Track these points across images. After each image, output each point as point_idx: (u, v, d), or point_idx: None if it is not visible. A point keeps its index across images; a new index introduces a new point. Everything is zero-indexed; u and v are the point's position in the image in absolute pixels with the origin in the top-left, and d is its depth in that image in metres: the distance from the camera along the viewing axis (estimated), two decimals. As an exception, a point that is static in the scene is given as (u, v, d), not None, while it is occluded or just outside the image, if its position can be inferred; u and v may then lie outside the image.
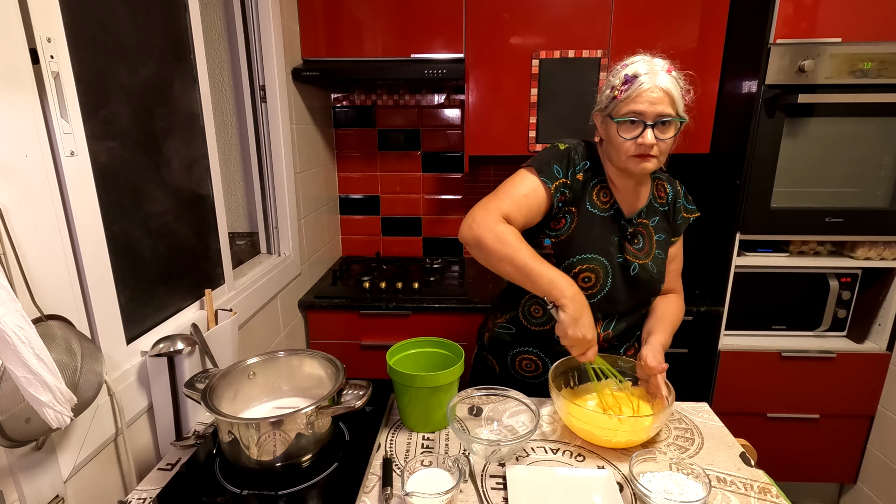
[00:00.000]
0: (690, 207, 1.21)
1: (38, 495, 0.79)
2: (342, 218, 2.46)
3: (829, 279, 1.81)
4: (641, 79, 0.96)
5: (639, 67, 0.98)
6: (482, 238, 1.00)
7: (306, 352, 1.00)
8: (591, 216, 1.09)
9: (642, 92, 0.96)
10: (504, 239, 0.99)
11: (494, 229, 1.00)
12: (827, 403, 1.90)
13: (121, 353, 1.00)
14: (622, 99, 0.98)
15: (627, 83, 0.97)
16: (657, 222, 1.15)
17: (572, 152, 1.09)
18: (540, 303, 1.14)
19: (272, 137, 1.74)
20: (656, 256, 1.14)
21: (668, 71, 0.98)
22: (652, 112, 0.96)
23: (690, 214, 1.21)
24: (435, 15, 1.86)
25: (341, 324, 1.93)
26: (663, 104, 0.96)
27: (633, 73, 0.97)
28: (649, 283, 1.12)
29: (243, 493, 0.80)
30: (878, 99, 1.60)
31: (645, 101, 0.96)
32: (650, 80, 0.96)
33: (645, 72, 0.97)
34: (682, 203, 1.19)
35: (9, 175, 0.74)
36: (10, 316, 0.62)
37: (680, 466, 0.84)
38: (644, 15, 1.81)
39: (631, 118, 0.98)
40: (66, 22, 0.85)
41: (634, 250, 1.11)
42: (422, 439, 1.00)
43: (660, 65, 0.99)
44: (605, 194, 1.10)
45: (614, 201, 1.10)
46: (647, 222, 1.14)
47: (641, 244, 1.12)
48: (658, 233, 1.15)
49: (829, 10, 1.57)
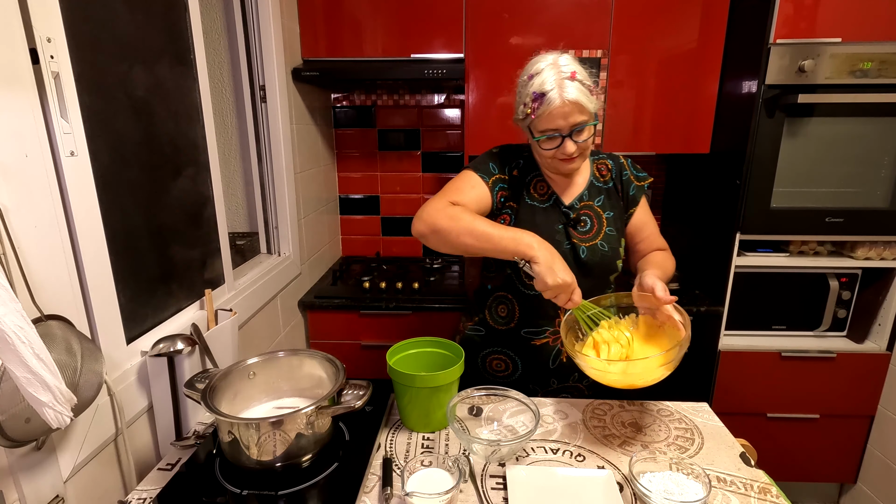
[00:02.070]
0: (641, 175, 1.23)
1: (38, 495, 0.79)
2: (342, 218, 2.46)
3: (829, 279, 1.81)
4: (550, 96, 0.99)
5: (546, 81, 0.99)
6: (435, 222, 1.02)
7: (306, 352, 1.00)
8: (531, 208, 1.13)
9: (553, 110, 1.00)
10: (457, 215, 1.02)
11: (445, 211, 1.03)
12: (827, 403, 1.90)
13: (121, 353, 1.00)
14: (536, 117, 1.02)
15: (537, 101, 1.00)
16: (603, 201, 1.18)
17: (505, 152, 1.17)
18: (504, 302, 1.18)
19: (272, 137, 1.74)
20: (607, 234, 1.16)
21: (573, 76, 1.00)
22: (566, 125, 1.01)
23: (643, 181, 1.23)
24: (435, 15, 1.86)
25: (341, 324, 1.93)
26: (575, 114, 1.00)
27: (541, 90, 0.99)
28: (602, 263, 1.14)
29: (243, 493, 0.80)
30: (878, 99, 1.60)
31: (557, 117, 1.00)
32: (559, 96, 0.98)
33: (552, 86, 0.98)
34: (629, 174, 1.21)
35: (9, 175, 0.74)
36: (10, 316, 0.62)
37: (680, 466, 0.84)
38: (644, 15, 1.81)
39: (548, 135, 1.03)
40: (66, 22, 0.85)
41: (580, 234, 1.14)
42: (422, 439, 1.00)
43: (565, 70, 1.00)
44: (542, 186, 1.15)
45: (552, 192, 1.15)
46: (592, 203, 1.17)
47: (588, 226, 1.15)
48: (606, 210, 1.17)
49: (829, 10, 1.57)
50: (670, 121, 1.90)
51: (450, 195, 1.09)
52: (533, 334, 1.17)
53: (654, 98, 1.88)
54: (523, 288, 1.16)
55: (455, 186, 1.11)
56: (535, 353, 1.18)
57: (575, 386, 1.21)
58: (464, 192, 1.10)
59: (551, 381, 1.20)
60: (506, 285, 1.19)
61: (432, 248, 1.06)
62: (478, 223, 1.01)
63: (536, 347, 1.18)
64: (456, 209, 1.04)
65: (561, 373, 1.19)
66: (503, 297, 1.19)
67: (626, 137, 1.93)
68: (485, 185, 1.12)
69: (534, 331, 1.17)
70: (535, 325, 1.17)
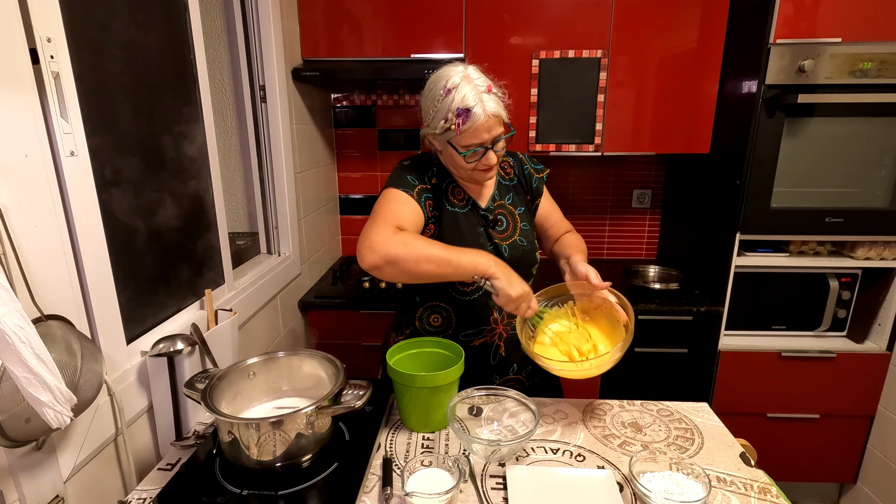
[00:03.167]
0: (538, 167, 1.26)
1: (38, 495, 0.79)
2: (342, 218, 2.46)
3: (829, 279, 1.81)
4: (475, 111, 0.99)
5: (467, 97, 0.99)
6: (390, 252, 0.95)
7: (306, 352, 1.00)
8: (454, 215, 1.13)
9: (479, 125, 1.00)
10: (411, 243, 0.97)
11: (397, 238, 0.97)
12: (827, 403, 1.90)
13: (121, 353, 1.00)
14: (462, 132, 1.01)
15: (462, 117, 1.00)
16: (512, 198, 1.20)
17: (417, 162, 1.16)
18: (437, 311, 1.17)
19: (272, 137, 1.74)
20: (522, 229, 1.18)
21: (489, 90, 1.01)
22: (490, 138, 1.03)
23: (542, 174, 1.26)
24: (435, 15, 1.86)
25: (341, 324, 1.93)
26: (496, 127, 1.02)
27: (465, 105, 0.99)
28: (524, 256, 1.16)
29: (243, 493, 0.80)
30: (878, 99, 1.60)
31: (482, 131, 1.01)
32: (482, 111, 0.99)
33: (475, 102, 0.99)
34: (529, 168, 1.24)
35: (9, 175, 0.74)
36: (10, 316, 0.62)
37: (680, 466, 0.84)
38: (644, 15, 1.81)
39: (473, 149, 1.03)
40: (66, 22, 0.85)
41: (499, 234, 1.15)
42: (422, 439, 1.00)
43: (480, 84, 1.01)
44: (459, 192, 1.16)
45: (468, 196, 1.16)
46: (504, 202, 1.19)
47: (505, 225, 1.17)
48: (517, 207, 1.20)
49: (829, 10, 1.57)
50: (670, 121, 1.90)
51: (387, 219, 1.01)
52: (471, 336, 1.16)
53: (654, 98, 1.88)
54: (458, 295, 1.13)
55: (387, 209, 1.04)
56: (475, 353, 1.17)
57: (517, 378, 1.22)
58: (400, 214, 1.04)
59: (493, 377, 1.20)
60: (437, 295, 1.15)
61: (385, 279, 1.00)
62: (433, 249, 0.97)
63: (475, 348, 1.17)
64: (405, 235, 0.98)
65: (502, 367, 1.20)
66: (435, 305, 1.16)
67: (625, 137, 1.93)
68: (413, 200, 1.07)
69: (471, 332, 1.16)
70: (472, 328, 1.16)
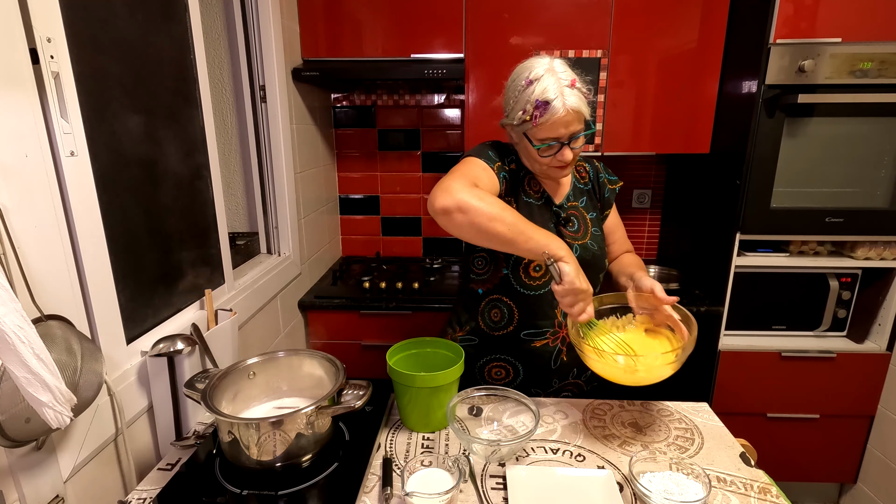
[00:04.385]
0: (613, 178, 1.25)
1: (38, 495, 0.79)
2: (342, 218, 2.46)
3: (829, 279, 1.81)
4: (554, 105, 0.97)
5: (548, 90, 0.97)
6: (465, 199, 0.90)
7: (306, 352, 1.00)
8: (528, 205, 1.12)
9: (557, 119, 0.98)
10: (488, 199, 0.93)
11: (474, 191, 0.93)
12: (827, 403, 1.90)
13: (121, 353, 1.00)
14: (538, 125, 0.99)
15: (539, 109, 0.98)
16: (585, 202, 1.19)
17: (499, 146, 1.13)
18: (499, 305, 1.15)
19: (272, 137, 1.74)
20: (593, 234, 1.17)
21: (573, 84, 0.99)
22: (566, 133, 1.00)
23: (615, 185, 1.25)
24: (435, 15, 1.86)
25: (341, 324, 1.93)
26: (575, 123, 1.00)
27: (544, 98, 0.97)
28: (594, 261, 1.14)
29: (243, 493, 0.80)
30: (878, 99, 1.60)
31: (560, 125, 0.99)
32: (562, 105, 0.97)
33: (555, 95, 0.97)
34: (604, 177, 1.24)
35: (9, 175, 0.74)
36: (10, 316, 0.62)
37: (680, 466, 0.84)
38: (644, 15, 1.81)
39: (548, 143, 1.01)
40: (66, 22, 0.85)
41: (571, 233, 1.14)
42: (422, 439, 1.00)
43: (565, 79, 0.99)
44: (535, 184, 1.14)
45: (543, 190, 1.14)
46: (577, 204, 1.18)
47: (577, 226, 1.15)
48: (589, 212, 1.19)
49: (829, 10, 1.57)
50: (670, 121, 1.90)
51: (466, 177, 0.97)
52: (533, 336, 1.15)
53: (654, 98, 1.88)
54: (522, 289, 1.12)
55: (467, 169, 1.01)
56: (536, 355, 1.16)
57: (575, 382, 1.21)
58: (479, 177, 1.00)
59: (553, 381, 1.19)
60: (500, 288, 1.14)
61: (450, 228, 0.94)
62: (509, 212, 0.92)
63: (537, 349, 1.15)
64: (483, 192, 0.94)
65: (562, 372, 1.19)
66: (497, 300, 1.15)
67: (626, 137, 1.93)
68: (492, 171, 1.05)
69: (534, 332, 1.15)
70: (534, 327, 1.14)
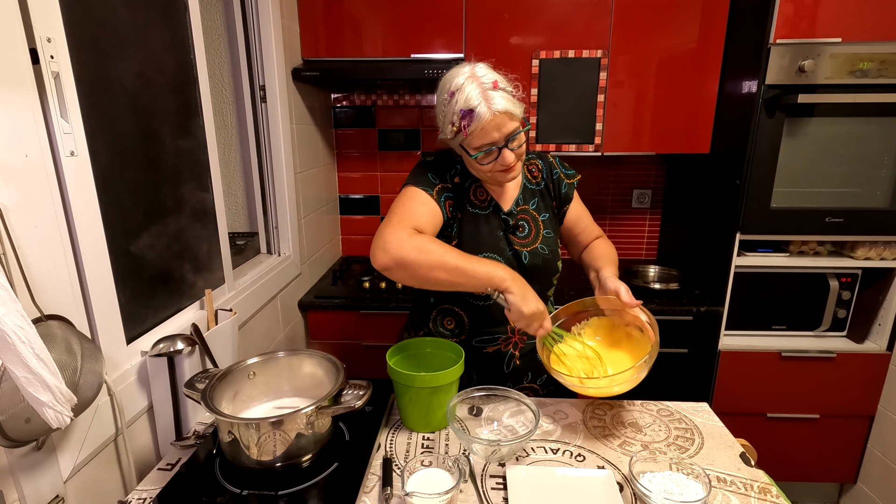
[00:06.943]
0: (569, 173, 1.21)
1: (38, 495, 0.79)
2: (342, 218, 2.46)
3: (829, 279, 1.81)
4: (479, 110, 0.95)
5: (470, 97, 0.95)
6: (403, 255, 0.93)
7: (306, 352, 1.00)
8: (474, 217, 1.10)
9: (486, 124, 0.95)
10: (426, 248, 0.94)
11: (411, 242, 0.94)
12: (827, 403, 1.90)
13: (121, 353, 1.00)
14: (469, 135, 0.98)
15: (466, 118, 0.96)
16: (537, 204, 1.16)
17: (439, 160, 1.11)
18: (450, 314, 1.14)
19: (272, 137, 1.74)
20: (545, 237, 1.15)
21: (495, 86, 0.96)
22: (501, 136, 0.98)
23: (573, 179, 1.21)
24: (435, 15, 1.86)
25: (341, 324, 1.93)
26: (507, 123, 0.97)
27: (468, 106, 0.95)
28: (544, 266, 1.13)
29: (243, 493, 0.80)
30: (878, 99, 1.60)
31: (491, 130, 0.96)
32: (487, 109, 0.95)
33: (478, 101, 0.95)
34: (559, 172, 1.20)
35: (9, 175, 0.74)
36: (10, 316, 0.62)
37: (680, 466, 0.84)
38: (644, 15, 1.81)
39: (485, 150, 0.99)
40: (66, 22, 0.85)
41: (520, 240, 1.12)
42: (422, 439, 1.00)
43: (486, 81, 0.96)
44: (482, 193, 1.12)
45: (491, 198, 1.12)
46: (528, 207, 1.15)
47: (526, 231, 1.13)
48: (541, 213, 1.16)
49: (829, 10, 1.57)
50: (670, 121, 1.90)
51: (404, 219, 0.98)
52: (485, 342, 1.14)
53: (654, 98, 1.88)
54: (472, 299, 1.11)
55: (405, 208, 1.01)
56: (489, 360, 1.15)
57: (530, 387, 1.20)
58: (418, 214, 1.01)
59: (507, 385, 1.15)
60: (451, 298, 1.13)
61: (395, 280, 0.95)
62: (448, 256, 0.94)
63: (489, 355, 1.15)
64: (422, 238, 0.95)
65: (516, 376, 1.17)
66: (448, 309, 1.14)
67: (626, 137, 1.93)
68: (432, 200, 1.04)
69: (485, 339, 1.14)
70: (486, 334, 1.13)
